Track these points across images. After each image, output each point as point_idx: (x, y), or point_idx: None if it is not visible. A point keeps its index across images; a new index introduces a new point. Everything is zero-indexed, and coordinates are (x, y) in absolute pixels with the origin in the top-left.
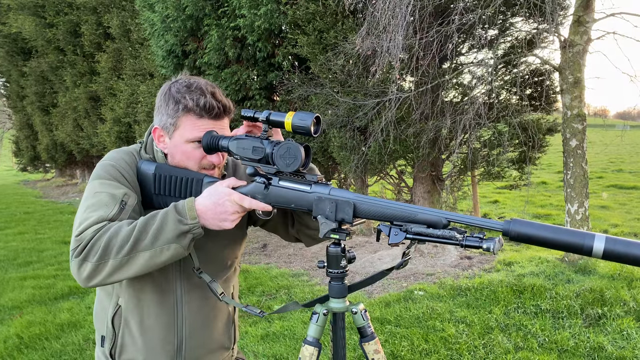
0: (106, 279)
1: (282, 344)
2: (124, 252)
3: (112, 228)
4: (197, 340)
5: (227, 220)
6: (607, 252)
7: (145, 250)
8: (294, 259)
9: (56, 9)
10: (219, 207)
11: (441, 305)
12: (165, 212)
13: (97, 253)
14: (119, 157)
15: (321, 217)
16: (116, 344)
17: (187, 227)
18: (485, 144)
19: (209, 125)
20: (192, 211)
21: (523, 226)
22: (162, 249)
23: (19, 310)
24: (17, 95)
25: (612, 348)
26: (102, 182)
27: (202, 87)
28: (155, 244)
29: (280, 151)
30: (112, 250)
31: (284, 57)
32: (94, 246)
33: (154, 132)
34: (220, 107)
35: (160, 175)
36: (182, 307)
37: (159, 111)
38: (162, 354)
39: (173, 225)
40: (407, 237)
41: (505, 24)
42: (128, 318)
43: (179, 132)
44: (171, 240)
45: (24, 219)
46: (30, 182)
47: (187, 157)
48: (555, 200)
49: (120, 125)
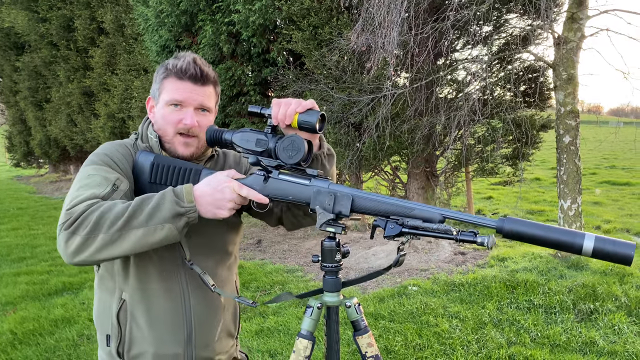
0: (93, 255)
1: (276, 339)
2: (116, 227)
3: (106, 204)
4: (206, 328)
5: (223, 208)
6: (596, 251)
7: (139, 227)
8: (288, 254)
9: (49, 3)
10: (217, 193)
11: (435, 301)
12: (163, 193)
13: (88, 226)
14: (112, 148)
15: (319, 208)
16: (123, 340)
17: (184, 209)
18: (479, 140)
19: (188, 89)
20: (189, 195)
21: (516, 224)
22: (156, 228)
23: (12, 306)
24: (10, 90)
25: (604, 343)
26: (95, 167)
27: (186, 55)
28: (149, 222)
29: (284, 143)
30: (104, 224)
31: (278, 52)
32: (85, 220)
33: (147, 103)
34: (197, 71)
35: (158, 165)
36: (189, 295)
37: (153, 84)
38: (173, 343)
39: (170, 205)
40: (403, 231)
41: (499, 20)
42: (134, 311)
43: (162, 96)
44: (167, 219)
45: (17, 214)
46: (24, 178)
47: (166, 120)
48: (548, 196)
49: (114, 121)
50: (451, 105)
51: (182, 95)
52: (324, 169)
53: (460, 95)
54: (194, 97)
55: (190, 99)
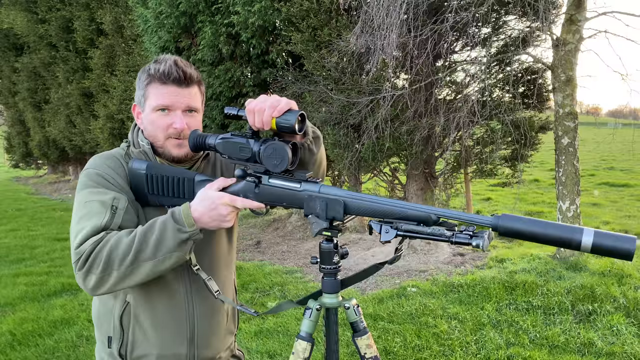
0: (113, 287)
1: (275, 341)
2: (126, 264)
3: (112, 239)
4: (208, 328)
5: (225, 222)
6: (595, 246)
7: (148, 260)
8: (287, 255)
9: (48, 4)
10: (213, 211)
11: (434, 302)
12: (164, 221)
13: (100, 265)
14: (101, 163)
15: (312, 217)
16: (126, 341)
17: (187, 234)
18: (478, 142)
19: (174, 93)
20: (189, 218)
21: (512, 221)
22: (165, 258)
23: (11, 307)
24: (9, 91)
25: (602, 344)
26: (90, 190)
27: (166, 58)
28: (157, 254)
29: (266, 152)
30: (114, 262)
31: (277, 54)
32: (95, 259)
33: (133, 110)
34: (179, 73)
35: (152, 176)
36: (192, 297)
37: (136, 90)
38: (177, 345)
39: (172, 234)
40: (398, 235)
41: (498, 22)
42: (138, 314)
43: (148, 102)
44: (172, 249)
45: (16, 215)
46: (23, 179)
47: (155, 126)
48: (547, 197)
49: (113, 122)
50: (450, 106)
51: (168, 100)
52: (312, 153)
53: (459, 97)
54: (181, 100)
55: (177, 102)
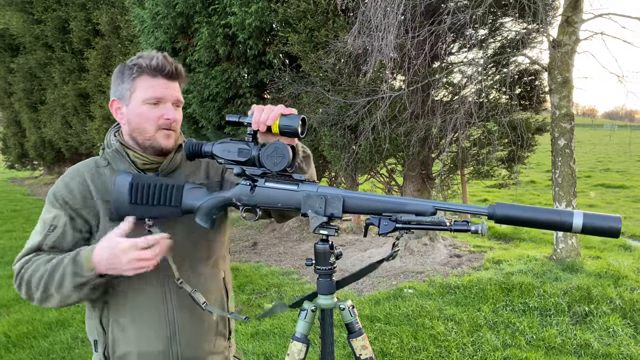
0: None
1: (271, 342)
2: (40, 291)
3: (33, 266)
4: (191, 326)
5: (125, 270)
6: (585, 226)
7: (55, 294)
8: (284, 257)
9: (44, 5)
10: (113, 258)
11: (430, 303)
12: (68, 261)
13: (23, 289)
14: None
15: (311, 212)
16: (108, 342)
17: (84, 279)
18: (474, 143)
19: (163, 85)
20: (88, 262)
21: (507, 209)
22: (69, 295)
23: (6, 308)
24: (5, 92)
25: (598, 345)
26: (45, 206)
27: (153, 54)
28: (60, 290)
29: (267, 151)
30: (32, 289)
31: (274, 55)
32: (21, 282)
33: (111, 106)
34: (172, 68)
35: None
36: (170, 294)
37: (114, 85)
38: (155, 340)
39: (70, 278)
40: (397, 227)
41: (495, 24)
42: (116, 312)
43: (135, 95)
44: (71, 291)
45: (11, 216)
46: (18, 180)
47: (144, 118)
48: (543, 199)
49: (109, 123)
50: (447, 108)
51: (160, 92)
52: (302, 172)
53: (456, 98)
54: (171, 93)
55: (168, 95)
